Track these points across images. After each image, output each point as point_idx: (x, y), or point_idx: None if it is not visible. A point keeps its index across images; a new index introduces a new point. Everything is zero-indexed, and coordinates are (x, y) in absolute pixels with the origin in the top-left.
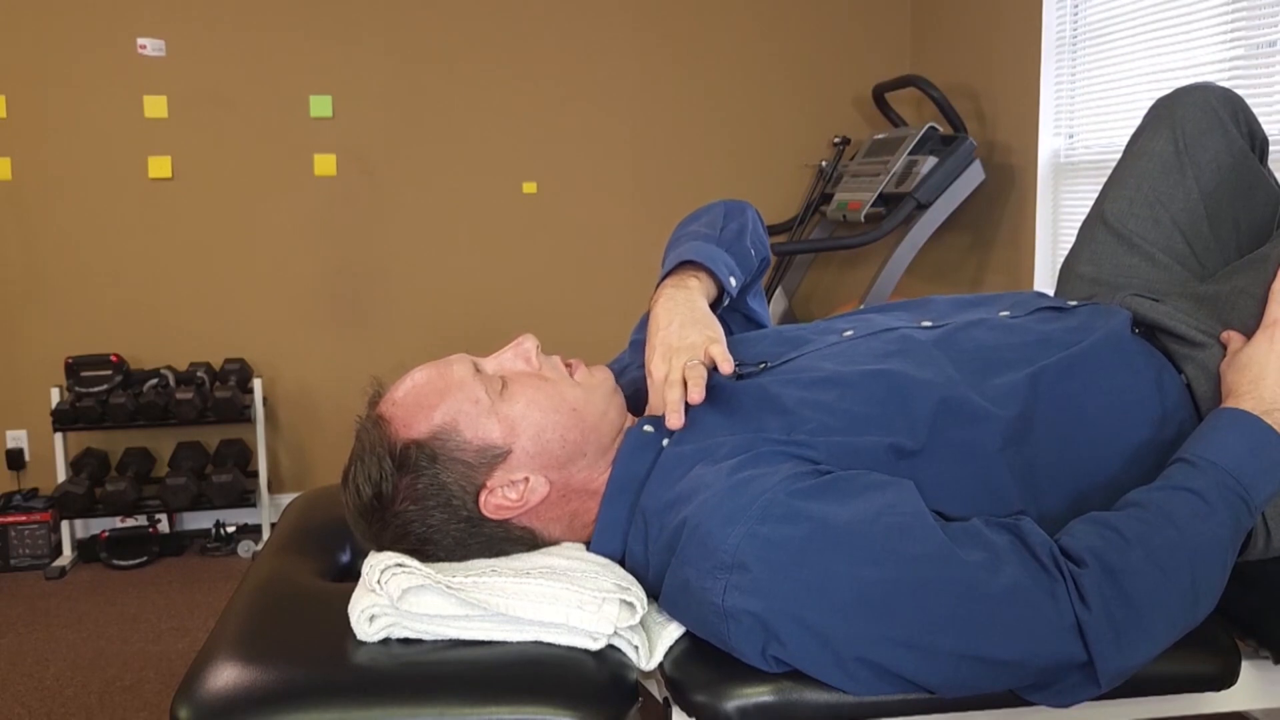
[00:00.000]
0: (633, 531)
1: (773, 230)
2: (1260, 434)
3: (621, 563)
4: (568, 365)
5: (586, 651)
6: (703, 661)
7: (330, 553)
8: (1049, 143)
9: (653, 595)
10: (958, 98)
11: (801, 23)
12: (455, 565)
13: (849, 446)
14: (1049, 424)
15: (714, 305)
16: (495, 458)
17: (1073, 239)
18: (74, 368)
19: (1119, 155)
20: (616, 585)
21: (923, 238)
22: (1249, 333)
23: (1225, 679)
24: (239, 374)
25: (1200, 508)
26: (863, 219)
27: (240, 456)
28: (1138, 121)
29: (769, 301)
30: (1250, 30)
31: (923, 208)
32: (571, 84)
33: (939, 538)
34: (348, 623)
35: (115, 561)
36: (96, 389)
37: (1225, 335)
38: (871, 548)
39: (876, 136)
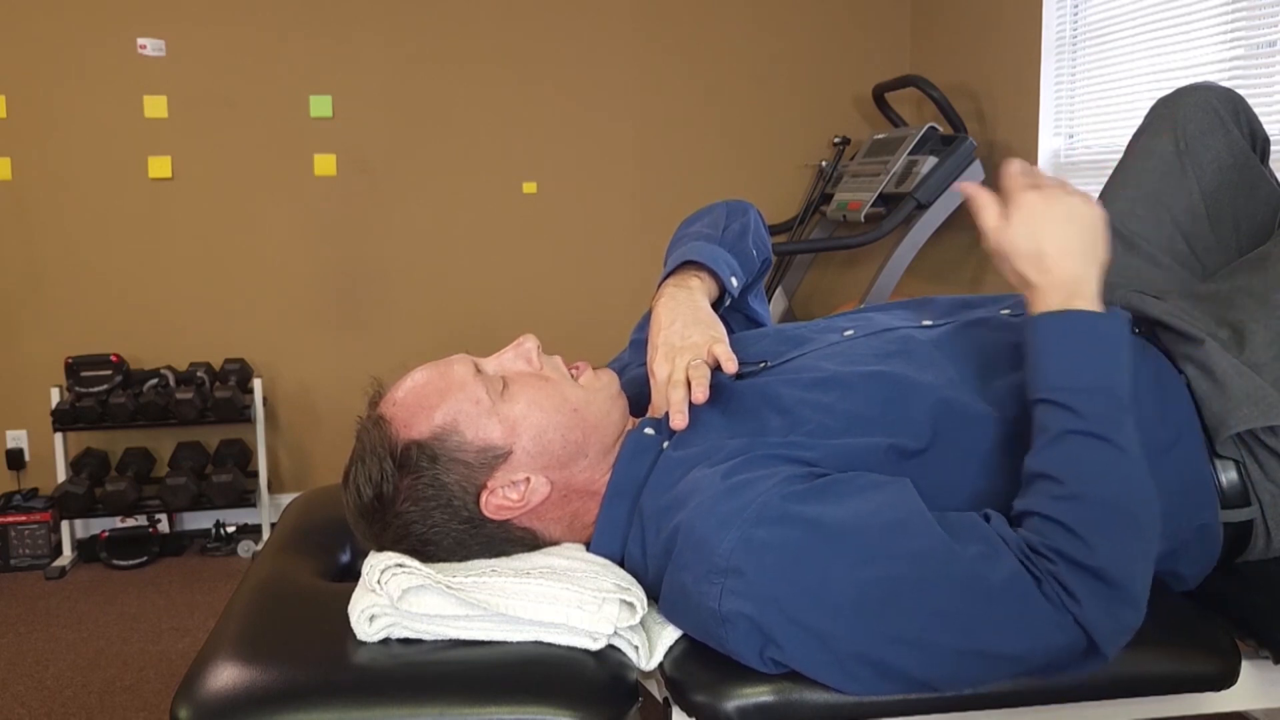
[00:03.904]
0: (631, 534)
1: (773, 230)
2: (1082, 329)
3: (621, 564)
4: (574, 369)
5: (586, 651)
6: (703, 661)
7: (330, 553)
8: (1049, 143)
9: (652, 596)
10: (958, 98)
11: (801, 23)
12: (455, 565)
13: (849, 448)
14: None
15: (715, 305)
16: (496, 458)
17: None
18: (74, 368)
19: (1119, 155)
20: (616, 585)
21: (923, 238)
22: (1249, 332)
23: (1225, 679)
24: (239, 374)
25: (1095, 445)
26: (863, 219)
27: (240, 456)
28: (1138, 121)
29: (769, 301)
30: (1250, 30)
31: (923, 208)
32: (571, 84)
33: (936, 532)
34: (348, 623)
35: (115, 561)
36: (96, 389)
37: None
38: (868, 547)
39: (876, 136)
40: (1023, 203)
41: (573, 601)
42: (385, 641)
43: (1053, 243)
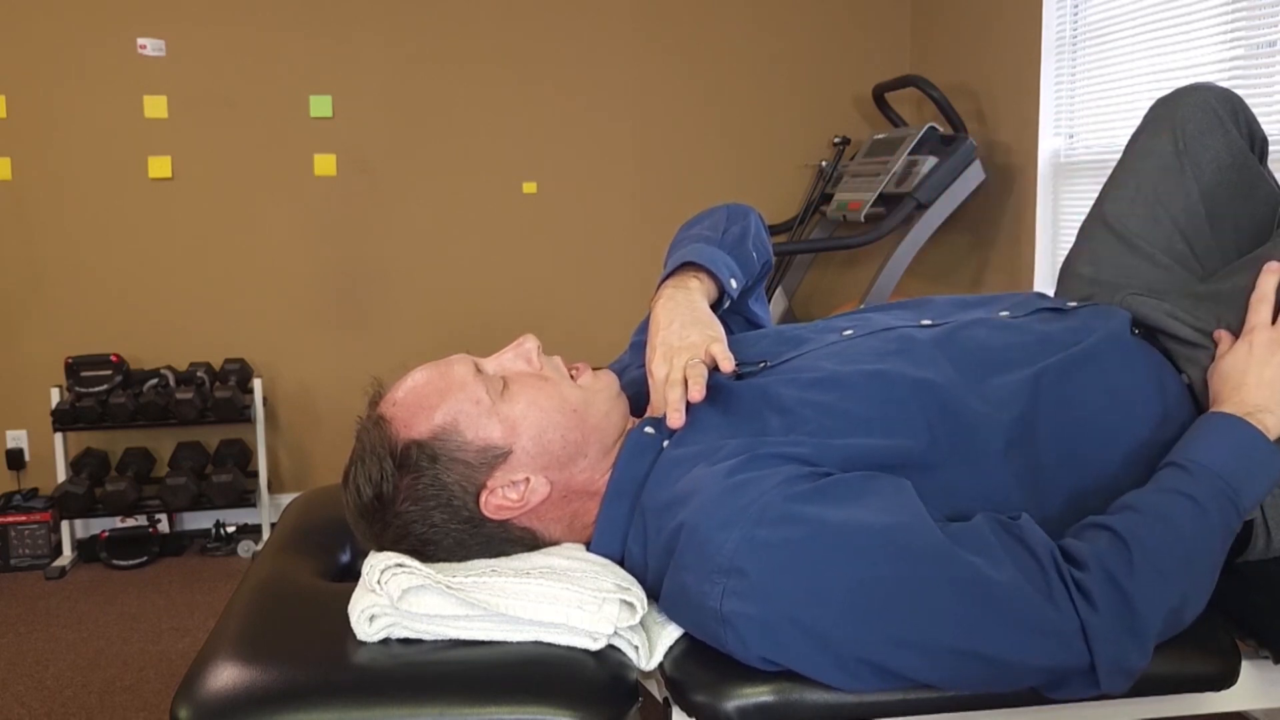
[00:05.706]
0: (632, 533)
1: (773, 230)
2: (1245, 435)
3: (621, 563)
4: (573, 370)
5: (586, 651)
6: (703, 661)
7: (330, 553)
8: (1049, 143)
9: (652, 596)
10: (958, 98)
11: (801, 23)
12: (455, 565)
13: (849, 448)
14: (1051, 425)
15: (714, 307)
16: (496, 458)
17: (1073, 239)
18: (74, 368)
19: (1119, 155)
20: (616, 585)
21: (923, 238)
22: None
23: (1225, 679)
24: (239, 374)
25: (1195, 511)
26: (863, 219)
27: (240, 456)
28: (1138, 121)
29: (769, 302)
30: (1250, 30)
31: (923, 208)
32: (571, 84)
33: (936, 536)
34: (348, 623)
35: (115, 561)
36: (96, 389)
37: (1216, 334)
38: (869, 548)
39: (876, 136)
40: (1252, 339)
41: (573, 601)
42: (385, 641)
43: (1255, 376)
